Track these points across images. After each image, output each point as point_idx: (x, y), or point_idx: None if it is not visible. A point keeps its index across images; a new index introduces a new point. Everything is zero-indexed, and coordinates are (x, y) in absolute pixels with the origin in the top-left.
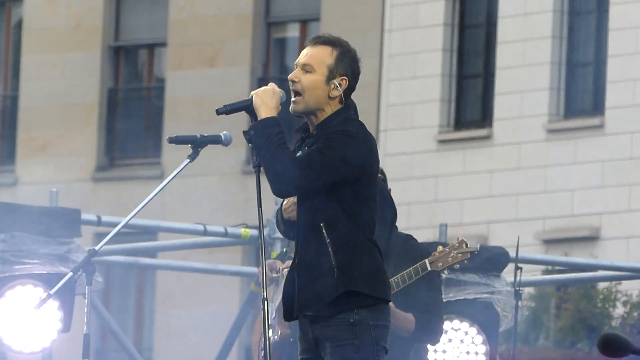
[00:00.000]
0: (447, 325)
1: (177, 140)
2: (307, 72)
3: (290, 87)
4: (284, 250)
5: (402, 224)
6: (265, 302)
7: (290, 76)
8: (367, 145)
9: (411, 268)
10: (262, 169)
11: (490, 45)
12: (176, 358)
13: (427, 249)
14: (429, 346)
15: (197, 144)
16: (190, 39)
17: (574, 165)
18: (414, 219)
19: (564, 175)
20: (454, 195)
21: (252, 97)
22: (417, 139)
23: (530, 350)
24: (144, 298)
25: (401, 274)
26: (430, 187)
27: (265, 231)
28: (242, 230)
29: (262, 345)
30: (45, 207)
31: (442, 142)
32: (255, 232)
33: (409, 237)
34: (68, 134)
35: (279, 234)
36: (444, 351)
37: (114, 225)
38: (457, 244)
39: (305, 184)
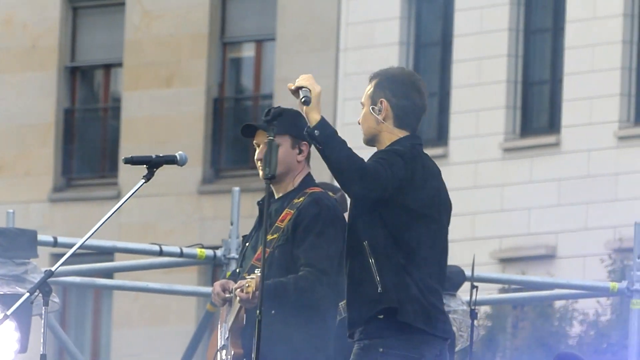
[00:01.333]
0: None
1: (133, 161)
2: (362, 109)
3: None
4: (237, 270)
5: None
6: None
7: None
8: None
9: None
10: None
11: (445, 64)
12: None
13: None
14: None
15: (153, 164)
16: (146, 59)
17: (531, 184)
18: None
19: (521, 193)
20: None
21: (304, 93)
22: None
23: None
24: (101, 318)
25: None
26: None
27: (220, 251)
28: (198, 251)
29: None
30: (1, 228)
31: None
32: (210, 252)
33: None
34: (24, 155)
35: (234, 254)
36: None
37: (71, 245)
38: None
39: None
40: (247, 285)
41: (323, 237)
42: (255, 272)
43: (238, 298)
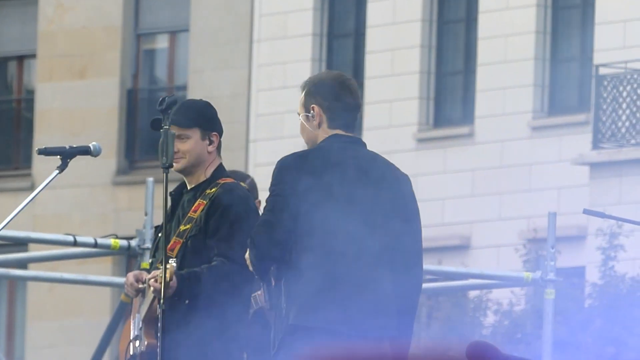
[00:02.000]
0: None
1: (47, 152)
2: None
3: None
4: (150, 261)
5: None
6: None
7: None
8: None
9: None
10: None
11: (358, 55)
12: None
13: None
14: None
15: (67, 155)
16: (59, 50)
17: (444, 174)
18: None
19: (434, 184)
20: None
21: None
22: (287, 149)
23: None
24: (15, 310)
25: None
26: None
27: (135, 241)
28: (112, 241)
29: (129, 355)
30: None
31: None
32: (124, 242)
33: None
34: None
35: (149, 244)
36: None
37: None
38: None
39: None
40: (160, 275)
41: (236, 228)
42: (170, 261)
43: (152, 288)
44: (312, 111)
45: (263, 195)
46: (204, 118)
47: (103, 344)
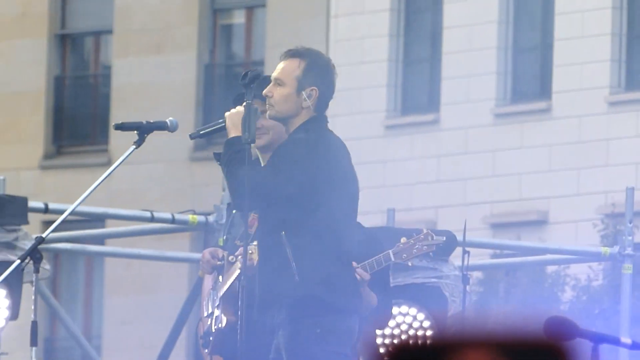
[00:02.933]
0: (395, 310)
1: (124, 127)
2: (278, 85)
3: (267, 102)
4: (225, 237)
5: None
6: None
7: (264, 91)
8: (325, 150)
9: (373, 259)
10: None
11: (436, 30)
12: (125, 345)
13: (377, 235)
14: (377, 331)
15: (143, 130)
16: (136, 26)
17: (522, 149)
18: (362, 205)
19: (512, 159)
20: (402, 180)
21: (224, 119)
22: (365, 124)
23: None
24: (92, 285)
25: (362, 263)
26: (379, 173)
27: (212, 217)
28: (190, 217)
29: (202, 332)
30: None
31: (389, 127)
32: (202, 218)
33: (358, 225)
34: (15, 122)
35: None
36: (392, 336)
37: (62, 212)
38: (422, 236)
39: (259, 198)
40: (251, 252)
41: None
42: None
43: (238, 264)
44: (310, 92)
45: None
46: None
47: (181, 320)
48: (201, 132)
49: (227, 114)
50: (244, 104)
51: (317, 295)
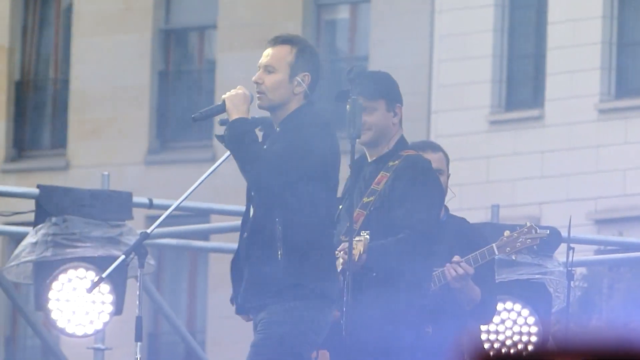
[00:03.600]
0: (499, 306)
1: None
2: (269, 72)
3: (256, 89)
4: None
5: (454, 205)
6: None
7: (254, 78)
8: (327, 137)
9: (477, 252)
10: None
11: (541, 25)
12: (228, 340)
13: (482, 231)
14: (482, 327)
15: None
16: (240, 20)
17: (626, 145)
18: (466, 200)
19: (616, 154)
20: (506, 176)
21: (224, 101)
22: (469, 120)
23: (583, 331)
24: (196, 280)
25: (473, 254)
26: (482, 168)
27: None
28: None
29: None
30: (97, 190)
31: (493, 122)
32: None
33: (463, 220)
34: (119, 117)
35: None
36: (497, 332)
37: (166, 208)
38: (525, 229)
39: (272, 180)
40: (353, 247)
41: (422, 199)
42: (362, 234)
43: (341, 260)
44: (303, 77)
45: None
46: (389, 90)
47: None
48: (203, 114)
49: (225, 96)
50: (349, 99)
51: (303, 283)
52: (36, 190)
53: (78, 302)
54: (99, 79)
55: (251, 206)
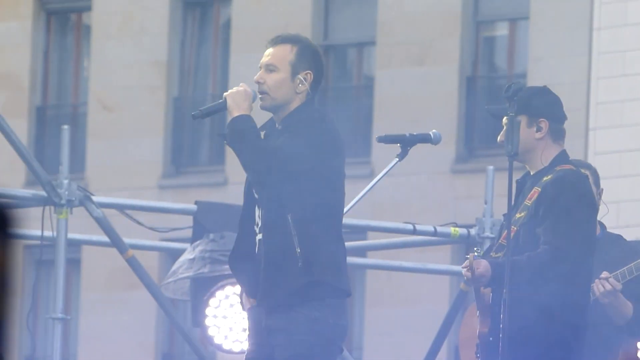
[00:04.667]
0: None
1: (387, 140)
2: (271, 71)
3: (257, 90)
4: (478, 249)
5: (611, 223)
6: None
7: (255, 78)
8: (331, 130)
9: (625, 268)
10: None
11: None
12: (385, 357)
13: (638, 248)
14: (638, 343)
15: (406, 142)
16: (398, 38)
17: None
18: (623, 217)
19: None
20: None
21: (225, 98)
22: (627, 137)
23: None
24: (354, 297)
25: (621, 270)
26: None
27: (474, 230)
28: (452, 229)
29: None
30: None
31: None
32: (464, 231)
33: (619, 237)
34: None
35: (488, 233)
36: None
37: None
38: None
39: (280, 176)
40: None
41: (563, 214)
42: (475, 250)
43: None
44: (305, 76)
45: (606, 183)
46: (529, 104)
47: (442, 333)
48: (204, 112)
49: (226, 93)
50: (507, 116)
51: (322, 280)
52: (194, 207)
53: (235, 319)
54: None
55: (256, 206)
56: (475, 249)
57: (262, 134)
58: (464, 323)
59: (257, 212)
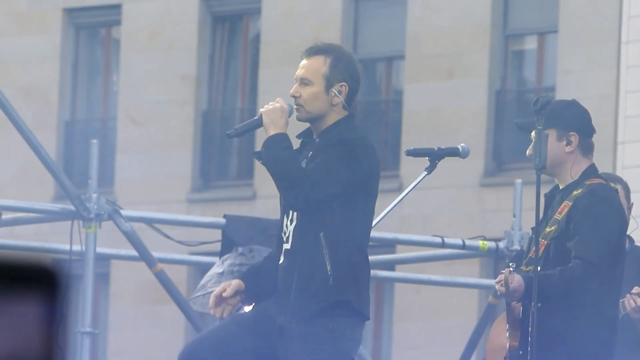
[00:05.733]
0: None
1: (415, 153)
2: (305, 85)
3: (293, 103)
4: (511, 263)
5: None
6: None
7: (291, 92)
8: (370, 152)
9: None
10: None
11: None
12: None
13: None
14: None
15: (435, 156)
16: (427, 51)
17: None
18: None
19: None
20: None
21: (261, 115)
22: None
23: None
24: (382, 310)
25: None
26: None
27: (503, 243)
28: (480, 243)
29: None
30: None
31: None
32: (492, 244)
33: None
34: None
35: (517, 246)
36: None
37: None
38: None
39: (315, 198)
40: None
41: (595, 229)
42: (509, 264)
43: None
44: (340, 88)
45: (635, 197)
46: (559, 118)
47: (470, 347)
48: (239, 131)
49: (261, 110)
50: (535, 130)
51: (348, 300)
52: (222, 220)
53: None
54: None
55: (285, 215)
56: (510, 263)
57: (299, 142)
58: (491, 335)
59: (285, 221)
